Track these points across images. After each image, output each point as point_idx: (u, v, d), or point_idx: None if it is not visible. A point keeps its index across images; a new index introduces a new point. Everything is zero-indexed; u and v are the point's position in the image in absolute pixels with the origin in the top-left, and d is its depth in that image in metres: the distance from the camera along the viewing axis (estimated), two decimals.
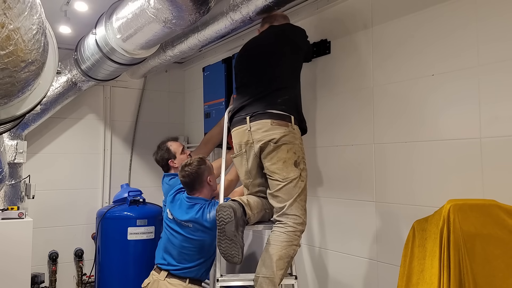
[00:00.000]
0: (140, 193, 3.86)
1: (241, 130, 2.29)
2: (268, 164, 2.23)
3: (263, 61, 2.41)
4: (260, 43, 2.52)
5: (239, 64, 2.56)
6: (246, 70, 2.48)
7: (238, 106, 2.37)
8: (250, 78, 2.44)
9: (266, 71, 2.38)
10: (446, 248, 1.72)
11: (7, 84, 1.08)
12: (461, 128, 2.08)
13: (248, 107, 2.31)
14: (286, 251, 2.13)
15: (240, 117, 2.32)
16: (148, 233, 3.64)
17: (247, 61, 2.52)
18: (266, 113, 2.23)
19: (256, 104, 2.29)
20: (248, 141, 2.27)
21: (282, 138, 2.19)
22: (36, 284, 3.81)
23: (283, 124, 2.21)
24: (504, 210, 1.75)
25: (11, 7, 0.92)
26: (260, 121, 2.23)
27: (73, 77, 3.69)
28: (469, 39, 2.06)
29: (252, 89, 2.36)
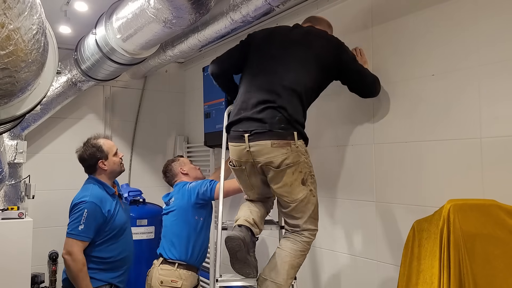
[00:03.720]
0: (140, 193, 3.86)
1: (239, 148, 2.10)
2: (274, 187, 2.09)
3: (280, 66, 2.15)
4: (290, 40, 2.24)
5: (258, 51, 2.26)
6: (261, 69, 2.19)
7: (236, 116, 2.13)
8: (261, 81, 2.15)
9: (279, 79, 2.11)
10: (446, 248, 1.72)
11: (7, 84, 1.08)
12: (461, 128, 2.08)
13: (247, 122, 2.08)
14: (299, 260, 2.12)
15: (238, 133, 2.10)
16: (148, 233, 3.64)
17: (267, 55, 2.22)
18: (265, 133, 2.02)
19: (255, 119, 2.06)
20: (248, 160, 2.10)
21: (284, 161, 2.01)
22: (36, 284, 3.81)
23: (284, 145, 2.01)
24: (504, 210, 1.75)
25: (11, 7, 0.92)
26: (259, 142, 2.03)
27: (73, 77, 3.69)
28: (469, 39, 2.06)
29: (258, 97, 2.09)
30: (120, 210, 2.61)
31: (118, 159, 2.70)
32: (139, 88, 4.64)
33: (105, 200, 2.54)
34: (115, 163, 2.66)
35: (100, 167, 2.62)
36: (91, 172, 2.66)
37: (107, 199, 2.56)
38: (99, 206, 2.48)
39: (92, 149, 2.63)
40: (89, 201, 2.46)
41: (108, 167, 2.63)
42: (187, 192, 2.79)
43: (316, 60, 2.17)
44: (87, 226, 2.43)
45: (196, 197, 2.74)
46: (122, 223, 2.59)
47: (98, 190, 2.55)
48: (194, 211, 2.76)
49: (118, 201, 2.66)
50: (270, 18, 3.25)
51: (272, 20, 3.28)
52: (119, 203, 2.65)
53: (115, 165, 2.65)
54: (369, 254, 2.53)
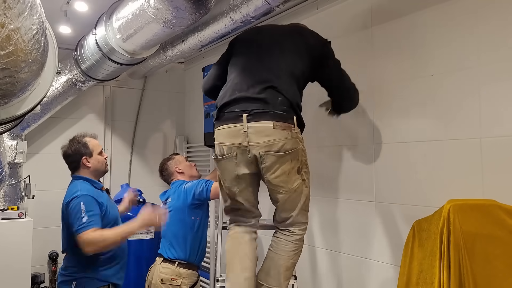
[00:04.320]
0: (140, 193, 3.86)
1: (234, 129, 1.93)
2: (271, 177, 1.95)
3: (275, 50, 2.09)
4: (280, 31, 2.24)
5: (246, 43, 2.20)
6: (254, 53, 2.11)
7: (231, 97, 1.98)
8: (256, 64, 2.06)
9: (276, 62, 2.05)
10: (446, 248, 1.72)
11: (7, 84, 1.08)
12: (461, 128, 2.08)
13: (245, 102, 1.94)
14: (293, 260, 2.05)
15: (234, 113, 1.94)
16: (148, 233, 3.64)
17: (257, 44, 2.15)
18: (267, 113, 1.90)
19: (256, 99, 1.94)
20: (243, 143, 1.91)
21: (284, 146, 1.90)
22: (36, 284, 3.81)
23: (285, 127, 1.90)
24: (504, 210, 1.75)
25: (11, 7, 0.92)
26: (260, 122, 1.89)
27: (73, 77, 3.69)
28: (469, 39, 2.06)
29: (255, 78, 1.99)
30: (110, 204, 2.60)
31: (103, 159, 2.64)
32: (139, 88, 4.64)
33: (97, 193, 2.51)
34: (99, 161, 2.61)
35: (84, 164, 2.57)
36: (75, 169, 2.61)
37: (98, 192, 2.53)
38: (93, 196, 2.44)
39: (77, 145, 2.59)
40: (81, 195, 2.42)
41: (92, 164, 2.57)
42: (183, 193, 2.80)
43: (307, 48, 2.13)
44: (90, 215, 2.37)
45: (192, 197, 2.75)
46: (115, 217, 2.58)
47: (87, 186, 2.51)
48: (190, 212, 2.78)
49: (107, 195, 2.66)
50: (270, 18, 3.25)
51: (272, 20, 3.27)
52: (108, 197, 2.65)
53: (99, 164, 2.60)
54: (369, 254, 2.53)
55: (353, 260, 2.63)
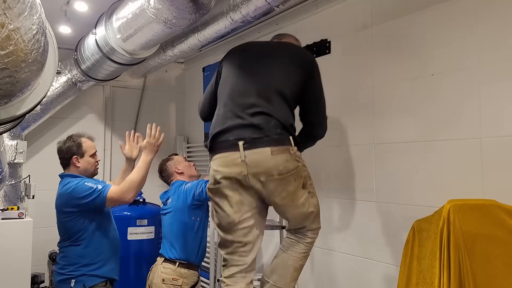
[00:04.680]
0: (140, 193, 3.86)
1: (231, 158, 1.86)
2: (277, 200, 1.90)
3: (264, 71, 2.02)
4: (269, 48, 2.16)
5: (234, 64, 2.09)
6: (243, 76, 2.04)
7: (223, 125, 1.92)
8: (246, 87, 1.99)
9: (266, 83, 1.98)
10: (446, 248, 1.72)
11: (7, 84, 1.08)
12: (461, 128, 2.08)
13: (238, 129, 1.88)
14: (302, 262, 2.04)
15: (228, 142, 1.88)
16: (148, 233, 3.64)
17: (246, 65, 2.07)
18: (262, 139, 1.85)
19: (248, 125, 1.88)
20: (242, 172, 1.85)
21: (285, 168, 1.85)
22: (36, 284, 3.80)
23: (283, 151, 1.85)
24: (504, 210, 1.75)
25: (11, 7, 0.92)
26: (257, 149, 1.83)
27: (73, 77, 3.69)
28: (469, 39, 2.06)
29: (245, 103, 1.93)
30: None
31: (93, 161, 2.65)
32: (139, 88, 4.64)
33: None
34: (89, 163, 2.61)
35: (73, 163, 2.58)
36: (65, 166, 2.63)
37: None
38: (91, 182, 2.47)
39: (71, 143, 2.61)
40: (79, 180, 2.46)
41: (81, 165, 2.58)
42: (183, 194, 2.81)
43: (296, 68, 2.05)
44: (100, 183, 2.44)
45: (192, 198, 2.76)
46: (107, 210, 2.61)
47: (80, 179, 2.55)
48: (190, 212, 2.78)
49: None
50: (270, 18, 3.25)
51: (272, 20, 3.28)
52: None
53: (88, 165, 2.61)
54: (369, 254, 2.53)
55: (353, 260, 2.63)
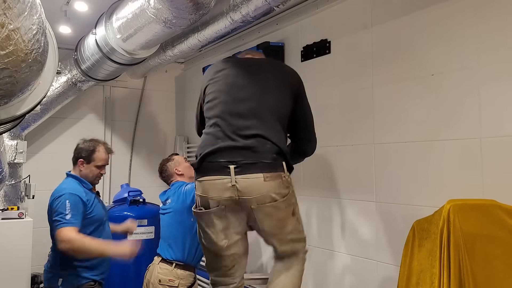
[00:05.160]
0: (140, 193, 3.86)
1: (220, 182, 1.76)
2: (266, 227, 1.83)
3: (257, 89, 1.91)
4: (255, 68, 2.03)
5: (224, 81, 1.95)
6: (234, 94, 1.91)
7: (214, 146, 1.81)
8: (239, 106, 1.87)
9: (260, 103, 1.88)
10: (446, 248, 1.72)
11: (7, 84, 1.08)
12: (461, 128, 2.08)
13: (231, 151, 1.78)
14: (299, 280, 1.98)
15: (218, 164, 1.77)
16: (148, 233, 3.64)
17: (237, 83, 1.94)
18: (256, 164, 1.76)
19: (242, 148, 1.78)
20: (232, 197, 1.76)
21: (278, 195, 1.77)
22: (36, 284, 3.80)
23: (276, 177, 1.77)
24: (504, 210, 1.75)
25: (11, 7, 0.92)
26: (250, 175, 1.74)
27: (73, 77, 3.69)
28: (469, 39, 2.06)
29: (240, 123, 1.82)
30: (98, 205, 2.65)
31: (98, 172, 2.67)
32: (139, 88, 4.64)
33: (82, 192, 2.57)
34: (92, 172, 2.64)
35: (78, 165, 2.64)
36: (73, 164, 2.69)
37: (84, 191, 2.58)
38: (78, 195, 2.50)
39: (86, 146, 2.64)
40: (67, 193, 2.49)
41: (84, 170, 2.63)
42: (182, 195, 2.82)
43: (287, 87, 1.99)
44: (74, 214, 2.43)
45: (191, 200, 2.75)
46: (100, 217, 2.63)
47: (75, 184, 2.58)
48: (189, 213, 2.76)
49: (96, 196, 2.69)
50: (270, 18, 3.25)
51: (272, 20, 3.28)
52: (96, 198, 2.68)
53: (90, 173, 2.64)
54: (369, 254, 2.53)
55: (353, 260, 2.63)
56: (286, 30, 3.21)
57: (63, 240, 2.36)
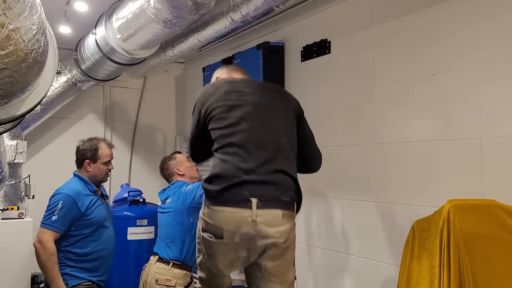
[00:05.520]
0: (140, 193, 3.86)
1: (240, 216, 1.68)
2: (270, 266, 1.76)
3: (272, 118, 1.85)
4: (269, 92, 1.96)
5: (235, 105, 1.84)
6: (256, 121, 1.82)
7: (238, 178, 1.71)
8: (258, 135, 1.80)
9: (278, 134, 1.82)
10: (446, 248, 1.72)
11: (7, 84, 1.08)
12: (461, 128, 2.08)
13: (254, 185, 1.71)
14: None
15: (241, 196, 1.69)
16: (148, 233, 3.63)
17: (257, 108, 1.84)
18: (277, 200, 1.72)
19: (266, 183, 1.72)
20: (249, 233, 1.68)
21: (290, 234, 1.75)
22: (36, 284, 3.80)
23: (290, 216, 1.75)
24: (504, 210, 1.75)
25: (11, 7, 0.92)
26: (271, 210, 1.70)
27: (73, 77, 3.69)
28: (469, 39, 2.06)
29: (262, 156, 1.75)
30: (100, 207, 2.63)
31: (106, 169, 2.67)
32: (139, 88, 4.64)
33: (83, 195, 2.57)
34: (100, 170, 2.64)
35: (85, 167, 2.63)
36: (78, 167, 2.68)
37: (85, 194, 2.58)
38: (75, 199, 2.51)
39: (87, 146, 2.64)
40: (65, 193, 2.51)
41: (91, 170, 2.63)
42: (183, 195, 2.80)
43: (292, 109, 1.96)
44: (60, 217, 2.47)
45: (191, 200, 2.75)
46: (101, 220, 2.62)
47: (78, 185, 2.58)
48: (189, 214, 2.77)
49: (100, 199, 2.68)
50: (270, 18, 3.25)
51: (272, 20, 3.28)
52: (100, 201, 2.67)
53: (98, 172, 2.64)
54: (369, 254, 2.53)
55: (353, 260, 2.63)
56: (286, 30, 3.21)
57: (38, 239, 2.48)
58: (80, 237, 2.55)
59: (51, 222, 2.47)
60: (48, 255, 2.44)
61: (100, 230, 2.62)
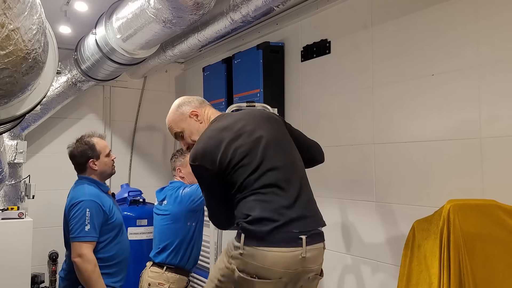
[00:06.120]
0: (140, 193, 3.86)
1: (292, 254, 1.61)
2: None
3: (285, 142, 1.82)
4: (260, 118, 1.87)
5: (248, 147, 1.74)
6: (275, 155, 1.74)
7: (285, 217, 1.64)
8: (283, 168, 1.73)
9: (296, 163, 1.80)
10: (446, 248, 1.72)
11: (7, 84, 1.08)
12: (461, 128, 2.08)
13: (299, 221, 1.65)
14: None
15: (291, 234, 1.62)
16: (148, 233, 3.64)
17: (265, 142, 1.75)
18: (320, 233, 1.73)
19: (308, 216, 1.69)
20: (297, 269, 1.62)
21: (322, 264, 1.75)
22: (36, 284, 3.81)
23: (325, 246, 1.76)
24: (504, 210, 1.75)
25: (11, 7, 0.92)
26: (317, 245, 1.68)
27: (73, 77, 3.69)
28: (469, 39, 2.06)
29: (294, 188, 1.71)
30: (116, 209, 2.57)
31: (110, 161, 2.56)
32: (139, 88, 4.64)
33: (103, 197, 2.46)
34: (107, 164, 2.53)
35: (91, 167, 2.49)
36: (81, 171, 2.53)
37: (103, 196, 2.48)
38: (99, 203, 2.39)
39: (84, 147, 2.49)
40: (88, 199, 2.36)
41: (98, 167, 2.50)
42: (179, 198, 2.74)
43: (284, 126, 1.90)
44: (93, 225, 2.33)
45: (188, 204, 2.70)
46: (120, 222, 2.53)
47: (93, 189, 2.46)
48: (186, 218, 2.72)
49: (113, 200, 2.62)
50: (270, 18, 3.25)
51: (272, 20, 3.28)
52: (113, 202, 2.61)
53: (106, 166, 2.53)
54: (369, 254, 2.53)
55: (353, 260, 2.63)
56: (286, 30, 3.21)
57: (77, 254, 2.30)
58: (106, 242, 2.43)
59: (85, 234, 2.31)
60: (92, 266, 2.29)
61: (121, 232, 2.53)
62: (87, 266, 2.29)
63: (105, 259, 2.42)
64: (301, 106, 3.00)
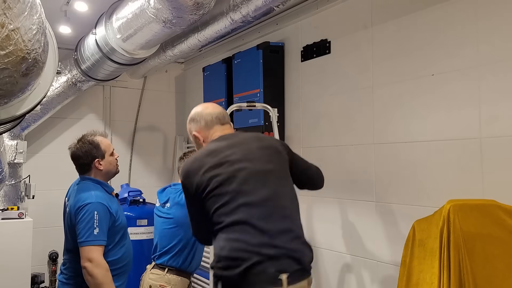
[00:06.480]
0: (140, 193, 3.86)
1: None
2: None
3: (282, 179, 1.74)
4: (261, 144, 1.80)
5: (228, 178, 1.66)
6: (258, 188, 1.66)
7: (260, 256, 1.54)
8: (266, 201, 1.64)
9: (284, 198, 1.70)
10: (446, 248, 1.72)
11: (7, 84, 1.08)
12: (461, 128, 2.08)
13: (279, 260, 1.54)
14: None
15: (268, 275, 1.51)
16: (148, 233, 3.64)
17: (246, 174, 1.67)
18: (304, 270, 1.60)
19: (292, 251, 1.58)
20: None
21: None
22: (36, 284, 3.81)
23: (310, 282, 1.63)
24: (504, 210, 1.75)
25: (11, 7, 0.92)
26: (300, 283, 1.56)
27: (73, 77, 3.69)
28: (469, 39, 2.06)
29: (277, 225, 1.61)
30: (121, 211, 2.53)
31: (114, 159, 2.48)
32: (139, 88, 4.64)
33: (109, 199, 2.39)
34: (111, 163, 2.44)
35: (96, 167, 2.40)
36: (85, 171, 2.43)
37: (110, 198, 2.42)
38: (107, 205, 2.31)
39: (88, 146, 2.39)
40: (95, 201, 2.28)
41: (104, 167, 2.41)
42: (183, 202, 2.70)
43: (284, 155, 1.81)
44: (102, 228, 2.25)
45: None
46: (124, 224, 2.46)
47: (100, 191, 2.38)
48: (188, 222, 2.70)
49: (117, 201, 2.59)
50: (270, 18, 3.25)
51: (272, 20, 3.28)
52: (118, 203, 2.57)
53: (111, 166, 2.45)
54: (369, 254, 2.53)
55: (353, 260, 2.63)
56: (286, 30, 3.21)
57: (87, 259, 2.21)
58: (112, 245, 2.36)
59: (94, 237, 2.22)
60: (104, 271, 2.21)
61: (125, 233, 2.47)
62: (99, 271, 2.20)
63: (110, 262, 2.33)
64: (301, 106, 3.01)
